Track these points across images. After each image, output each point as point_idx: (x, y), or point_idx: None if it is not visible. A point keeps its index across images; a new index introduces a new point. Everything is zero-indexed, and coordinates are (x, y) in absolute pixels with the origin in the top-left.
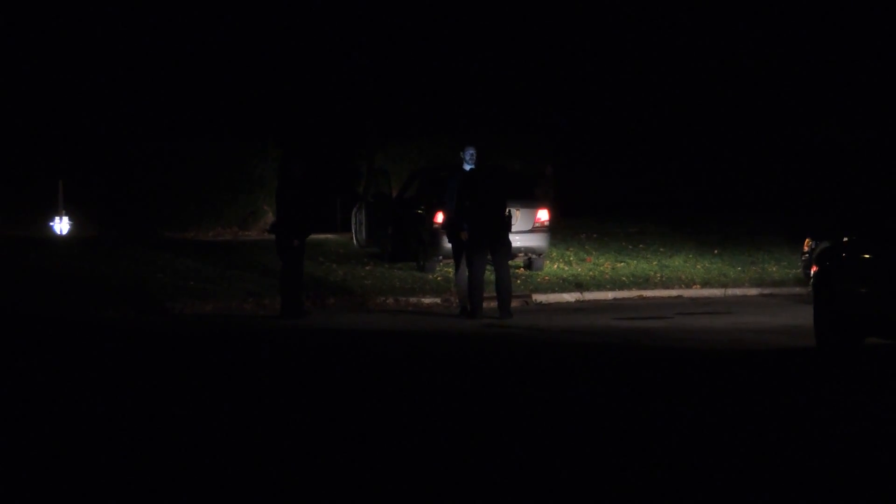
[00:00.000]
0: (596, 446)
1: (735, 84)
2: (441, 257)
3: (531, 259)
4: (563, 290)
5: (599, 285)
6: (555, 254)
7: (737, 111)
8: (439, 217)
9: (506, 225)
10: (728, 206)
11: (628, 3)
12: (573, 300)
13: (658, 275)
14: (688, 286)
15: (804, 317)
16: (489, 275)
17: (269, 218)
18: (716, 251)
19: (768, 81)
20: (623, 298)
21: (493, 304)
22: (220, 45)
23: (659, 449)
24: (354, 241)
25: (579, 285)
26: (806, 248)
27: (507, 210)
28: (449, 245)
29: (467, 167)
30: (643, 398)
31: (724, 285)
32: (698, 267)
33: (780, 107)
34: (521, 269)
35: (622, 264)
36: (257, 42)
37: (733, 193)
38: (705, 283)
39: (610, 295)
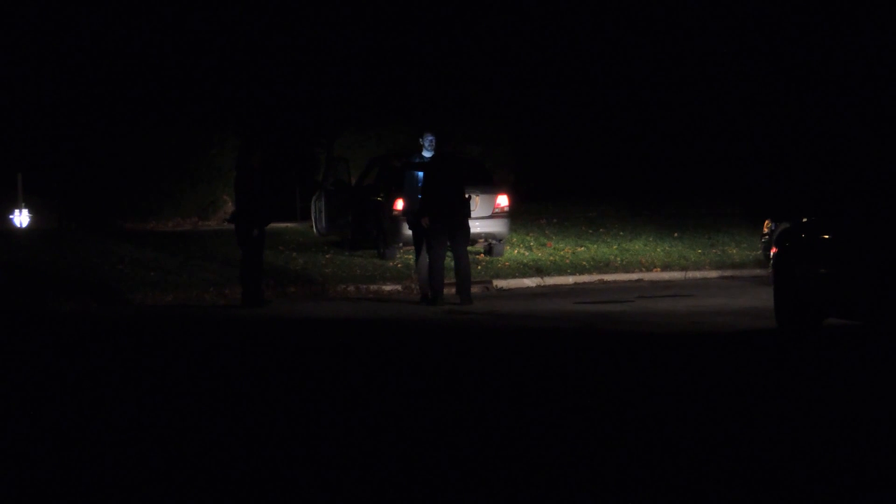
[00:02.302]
0: (557, 434)
1: (692, 69)
2: (401, 244)
3: (491, 245)
4: (523, 275)
5: (560, 270)
6: (515, 239)
7: (694, 96)
8: (399, 204)
9: (465, 211)
10: (687, 189)
11: None
12: (534, 285)
13: (618, 258)
14: (648, 269)
15: (765, 298)
16: (449, 261)
17: (229, 208)
18: (675, 234)
19: (725, 67)
20: (584, 283)
21: (454, 290)
22: (178, 36)
23: (621, 435)
24: (314, 230)
25: (540, 270)
26: (766, 230)
27: (467, 196)
28: (409, 232)
29: (427, 154)
30: (605, 383)
31: (685, 268)
32: (658, 250)
33: (736, 91)
34: (482, 254)
35: (582, 248)
36: (215, 32)
37: (692, 176)
38: (665, 267)
39: (570, 279)
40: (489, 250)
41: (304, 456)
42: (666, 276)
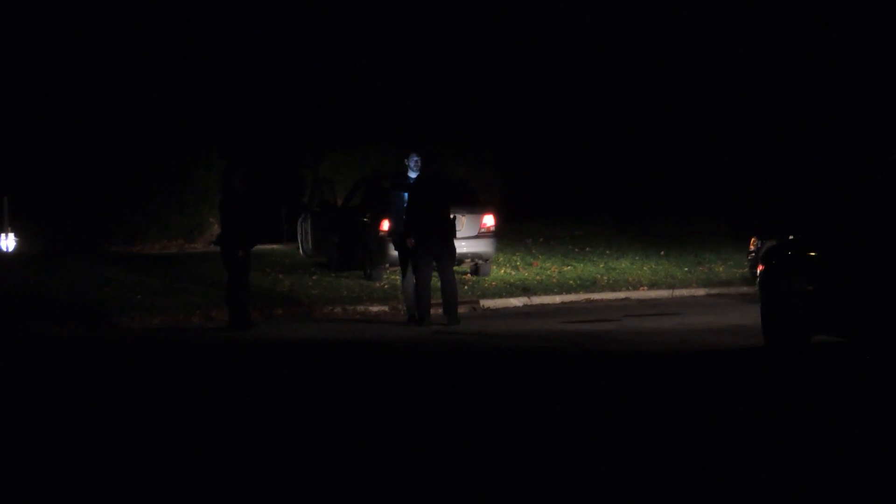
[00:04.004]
0: (547, 455)
1: (676, 86)
2: (387, 265)
3: (478, 264)
4: (510, 294)
5: (547, 289)
6: (501, 258)
7: (678, 113)
8: (385, 225)
9: (451, 231)
10: (672, 208)
11: (568, 4)
12: (521, 305)
13: (605, 277)
14: (635, 288)
15: (752, 316)
16: (436, 281)
17: (215, 230)
18: (662, 252)
19: (711, 83)
20: (571, 302)
21: (441, 310)
22: (163, 58)
23: (609, 454)
24: (300, 251)
25: (526, 290)
26: (752, 248)
27: (453, 216)
28: (395, 252)
29: (412, 174)
30: (593, 403)
31: (672, 286)
32: (645, 268)
33: (721, 109)
34: (468, 274)
35: (569, 268)
36: (200, 54)
37: (677, 194)
38: (652, 285)
39: (557, 299)
40: (476, 270)
41: (290, 479)
42: (653, 294)
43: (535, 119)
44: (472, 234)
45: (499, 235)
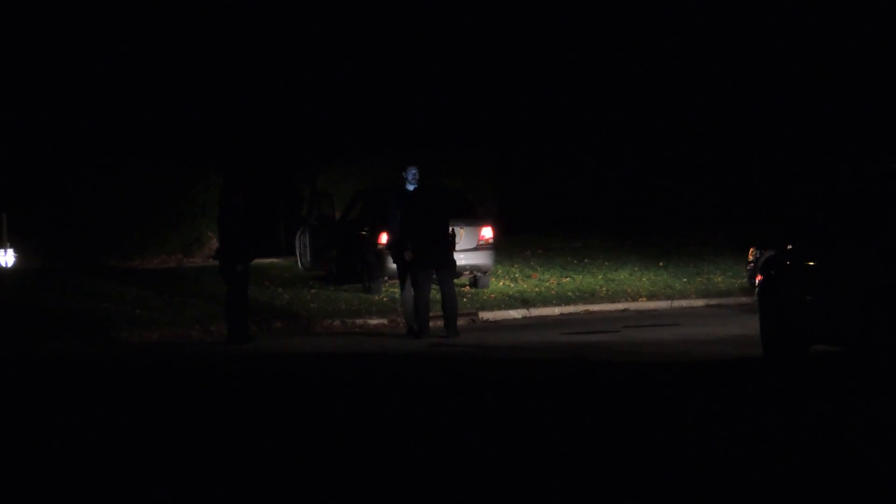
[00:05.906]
0: (547, 471)
1: (672, 97)
2: (386, 278)
3: (476, 277)
4: (509, 306)
5: (546, 301)
6: (500, 271)
7: (675, 123)
8: (383, 238)
9: (450, 243)
10: (670, 218)
11: (564, 18)
12: (520, 316)
13: (604, 289)
14: (634, 299)
15: (751, 326)
16: (435, 294)
17: (214, 244)
18: (661, 263)
19: (707, 93)
20: (570, 313)
21: (440, 323)
22: (159, 73)
23: (608, 463)
24: (299, 265)
25: (525, 301)
26: (751, 258)
27: (451, 229)
28: (394, 265)
29: (410, 187)
30: (593, 415)
31: (671, 297)
32: (644, 280)
33: (718, 120)
34: (467, 287)
35: (568, 279)
36: (197, 69)
37: (675, 205)
38: (651, 296)
39: (556, 310)
40: (474, 282)
41: (283, 482)
42: (652, 305)
43: (533, 131)
44: (471, 247)
45: (497, 248)
